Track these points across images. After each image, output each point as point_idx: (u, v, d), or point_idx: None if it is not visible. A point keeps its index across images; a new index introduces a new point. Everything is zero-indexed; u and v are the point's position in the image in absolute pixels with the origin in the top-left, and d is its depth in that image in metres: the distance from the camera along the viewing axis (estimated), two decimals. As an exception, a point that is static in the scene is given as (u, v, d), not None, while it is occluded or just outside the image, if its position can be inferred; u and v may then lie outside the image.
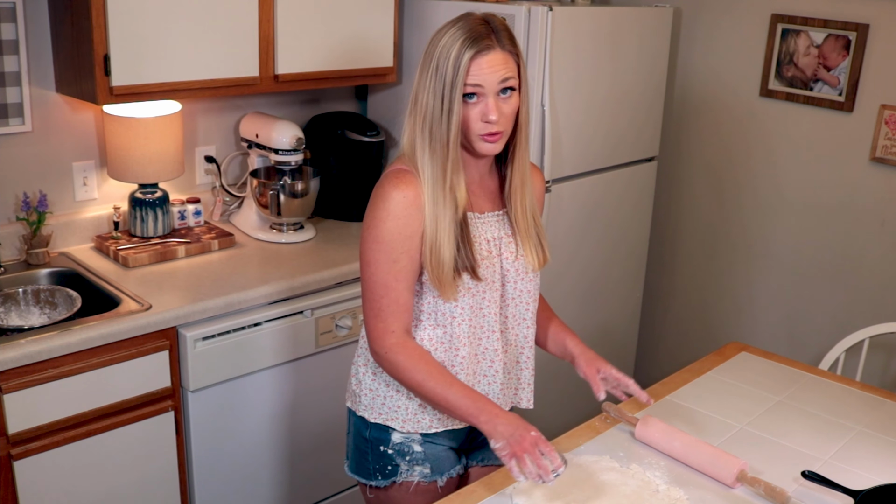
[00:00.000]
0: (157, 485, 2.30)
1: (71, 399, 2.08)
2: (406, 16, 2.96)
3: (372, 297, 1.65)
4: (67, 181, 2.57)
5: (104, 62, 2.25)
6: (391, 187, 1.62)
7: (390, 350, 1.64)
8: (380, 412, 1.75)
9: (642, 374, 3.73)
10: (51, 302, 2.32)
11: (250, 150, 2.82)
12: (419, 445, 1.75)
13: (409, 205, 1.60)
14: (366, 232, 1.65)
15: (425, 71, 1.61)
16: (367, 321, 1.67)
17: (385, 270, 1.62)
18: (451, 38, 1.59)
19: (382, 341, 1.65)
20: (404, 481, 1.76)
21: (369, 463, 1.78)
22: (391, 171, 1.66)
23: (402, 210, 1.60)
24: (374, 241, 1.62)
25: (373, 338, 1.66)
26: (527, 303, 1.77)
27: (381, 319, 1.64)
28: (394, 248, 1.61)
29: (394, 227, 1.61)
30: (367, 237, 1.64)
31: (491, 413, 1.59)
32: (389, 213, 1.61)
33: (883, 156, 2.93)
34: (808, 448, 1.84)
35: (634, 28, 3.06)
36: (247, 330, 2.35)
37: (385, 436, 1.76)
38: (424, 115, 1.60)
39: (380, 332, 1.65)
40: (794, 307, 3.27)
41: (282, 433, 2.51)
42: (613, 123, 3.10)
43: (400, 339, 1.65)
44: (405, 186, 1.61)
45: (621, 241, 3.32)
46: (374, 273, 1.63)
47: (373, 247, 1.63)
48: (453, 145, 1.59)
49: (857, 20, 2.91)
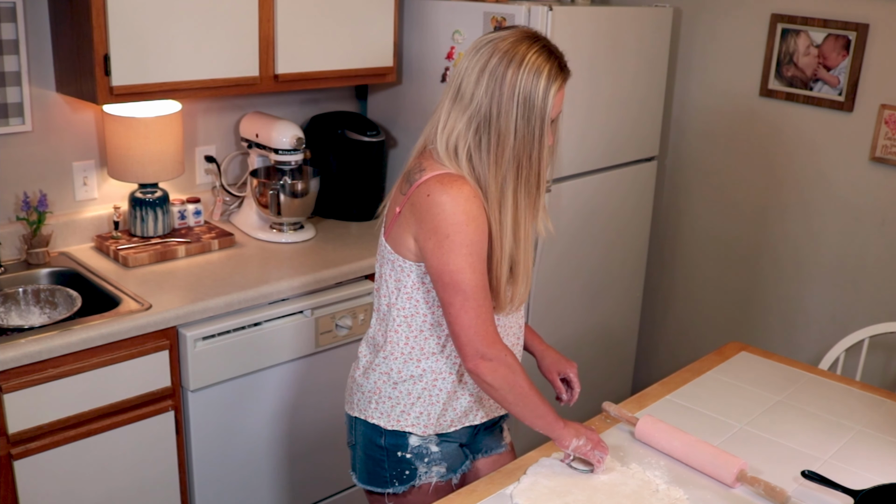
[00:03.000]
0: (157, 485, 2.30)
1: (71, 399, 2.08)
2: (406, 16, 2.96)
3: (476, 303, 1.59)
4: (67, 181, 2.57)
5: (104, 62, 2.25)
6: (456, 190, 1.58)
7: (503, 352, 1.62)
8: (398, 419, 1.74)
9: (642, 374, 3.73)
10: (51, 302, 2.32)
11: (250, 149, 2.82)
12: (436, 446, 1.76)
13: (480, 202, 1.59)
14: (448, 243, 1.57)
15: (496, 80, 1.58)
16: (473, 329, 1.59)
17: (480, 272, 1.59)
18: (535, 62, 1.58)
19: (496, 345, 1.61)
20: (423, 483, 1.76)
21: (385, 471, 1.77)
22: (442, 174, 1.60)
23: (476, 209, 1.58)
24: (465, 247, 1.57)
25: (486, 345, 1.60)
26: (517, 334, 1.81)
27: (490, 322, 1.61)
28: (482, 245, 1.59)
29: (477, 226, 1.58)
30: (455, 247, 1.57)
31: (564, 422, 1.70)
32: (468, 214, 1.57)
33: (883, 156, 2.93)
34: (808, 448, 1.84)
35: (634, 28, 3.06)
36: (247, 330, 2.35)
37: (402, 441, 1.75)
38: (506, 136, 1.59)
39: (493, 337, 1.61)
40: (794, 307, 3.27)
41: (282, 433, 2.51)
42: (613, 123, 3.10)
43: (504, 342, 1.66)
44: (468, 186, 1.58)
45: (621, 241, 3.32)
46: (471, 279, 1.58)
47: (463, 252, 1.57)
48: (543, 177, 1.63)
49: (857, 20, 2.91)
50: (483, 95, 1.58)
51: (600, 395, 3.24)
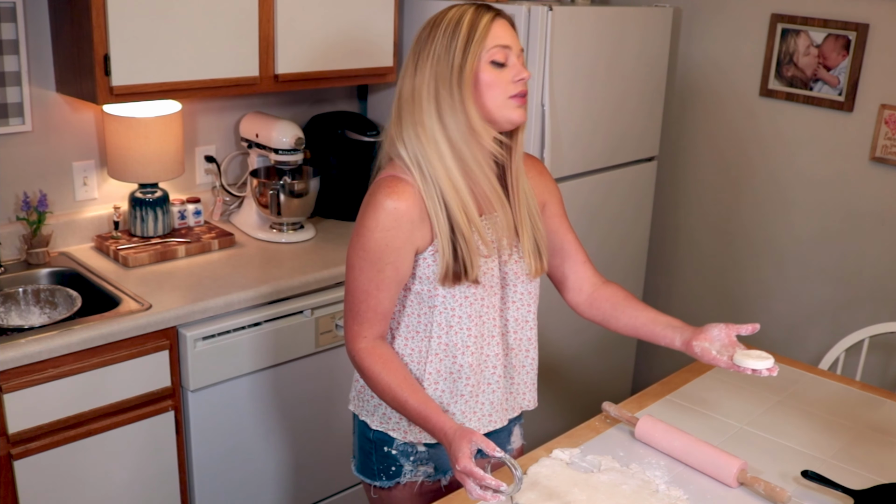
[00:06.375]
0: (157, 485, 2.30)
1: (71, 399, 2.08)
2: (406, 15, 2.96)
3: (352, 301, 1.63)
4: (67, 181, 2.57)
5: (104, 62, 2.25)
6: (384, 196, 1.57)
7: (359, 354, 1.64)
8: (381, 421, 1.75)
9: (642, 374, 3.73)
10: (51, 302, 2.32)
11: (250, 149, 2.82)
12: (423, 445, 1.75)
13: (399, 216, 1.56)
14: (354, 238, 1.62)
15: (420, 56, 1.59)
16: (344, 322, 1.67)
17: (367, 278, 1.60)
18: (458, 11, 1.58)
19: (354, 343, 1.64)
20: (408, 482, 1.76)
21: (374, 464, 1.78)
22: (384, 177, 1.61)
23: (391, 222, 1.56)
24: (361, 249, 1.59)
25: (347, 339, 1.66)
26: (529, 305, 1.75)
27: (356, 323, 1.63)
28: (380, 258, 1.58)
29: (381, 238, 1.57)
30: (355, 244, 1.61)
31: (438, 436, 1.54)
32: (378, 223, 1.57)
33: (883, 156, 2.93)
34: (808, 448, 1.84)
35: (634, 28, 3.06)
36: (247, 330, 2.35)
37: (389, 437, 1.75)
38: (427, 93, 1.57)
39: (353, 335, 1.64)
40: (794, 307, 3.27)
41: (282, 433, 2.51)
42: (613, 123, 3.10)
43: (370, 343, 1.63)
44: (398, 197, 1.56)
45: (621, 241, 3.32)
46: (357, 279, 1.61)
47: (359, 254, 1.60)
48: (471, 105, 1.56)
49: (856, 20, 2.91)
50: (404, 71, 1.63)
51: (600, 395, 3.24)
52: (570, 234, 1.85)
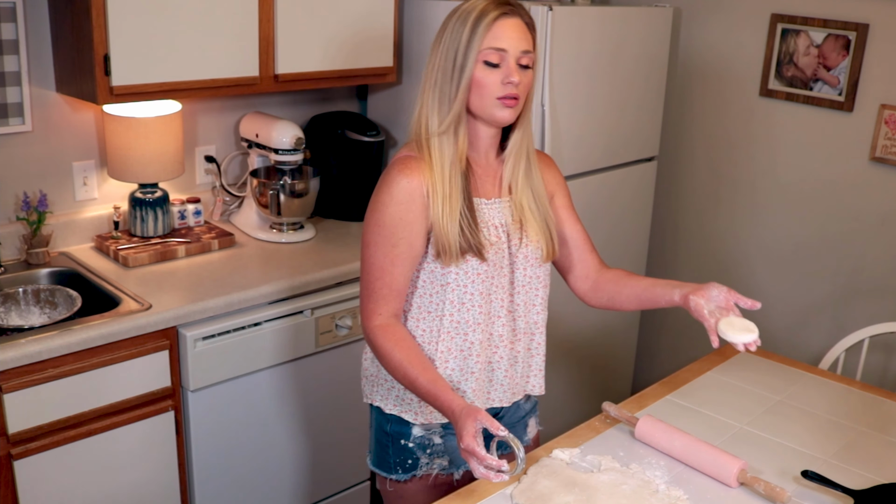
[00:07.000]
0: (157, 485, 2.30)
1: (71, 399, 2.08)
2: (406, 16, 2.96)
3: (368, 279, 1.68)
4: (67, 181, 2.57)
5: (104, 62, 2.25)
6: (396, 172, 1.65)
7: (373, 331, 1.67)
8: (395, 404, 1.77)
9: (642, 374, 3.73)
10: (51, 302, 2.32)
11: (250, 149, 2.82)
12: (439, 437, 1.77)
13: (412, 191, 1.63)
14: (369, 215, 1.68)
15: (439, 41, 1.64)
16: (360, 301, 1.71)
17: (383, 254, 1.65)
18: (473, 3, 1.62)
19: (370, 321, 1.68)
20: (424, 474, 1.78)
21: (390, 457, 1.79)
22: (399, 157, 1.69)
23: (405, 195, 1.63)
24: (376, 225, 1.65)
25: (363, 317, 1.70)
26: (536, 289, 1.78)
27: (372, 301, 1.67)
28: (394, 232, 1.64)
29: (395, 212, 1.63)
30: (370, 220, 1.67)
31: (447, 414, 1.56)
32: (392, 198, 1.63)
33: (883, 155, 2.93)
34: (808, 448, 1.84)
35: (634, 28, 3.06)
36: (247, 330, 2.35)
37: (406, 430, 1.77)
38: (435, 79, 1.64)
39: (369, 313, 1.68)
40: (794, 307, 3.27)
41: (282, 433, 2.51)
42: (613, 123, 3.10)
43: (385, 321, 1.67)
44: (410, 172, 1.64)
45: (621, 241, 3.32)
46: (373, 255, 1.66)
47: (374, 230, 1.66)
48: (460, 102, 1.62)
49: (856, 20, 2.91)
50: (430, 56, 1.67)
51: (600, 395, 3.24)
52: (577, 223, 1.89)
